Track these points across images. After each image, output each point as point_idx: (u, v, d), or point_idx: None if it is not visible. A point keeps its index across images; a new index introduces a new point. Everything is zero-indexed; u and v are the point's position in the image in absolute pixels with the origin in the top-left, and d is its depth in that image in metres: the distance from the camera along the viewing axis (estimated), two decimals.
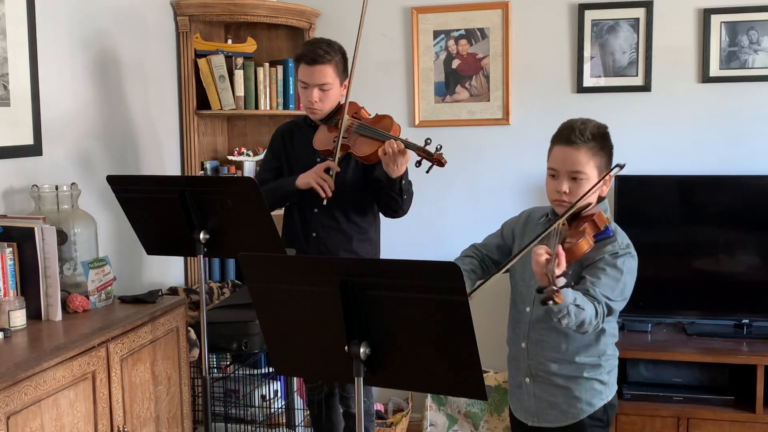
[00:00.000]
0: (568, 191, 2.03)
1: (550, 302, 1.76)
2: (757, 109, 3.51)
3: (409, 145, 2.65)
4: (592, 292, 1.95)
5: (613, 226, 2.09)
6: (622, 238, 2.06)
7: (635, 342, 3.36)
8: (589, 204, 2.04)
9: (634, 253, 2.06)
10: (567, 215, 2.00)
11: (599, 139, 2.04)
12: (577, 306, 1.86)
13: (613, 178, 2.10)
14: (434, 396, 3.69)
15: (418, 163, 2.65)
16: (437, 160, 2.60)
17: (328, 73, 2.81)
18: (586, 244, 1.93)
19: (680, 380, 3.35)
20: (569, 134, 2.04)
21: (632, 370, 3.37)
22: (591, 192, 2.01)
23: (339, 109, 2.87)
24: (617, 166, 2.05)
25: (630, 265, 2.03)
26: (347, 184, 2.86)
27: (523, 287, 2.16)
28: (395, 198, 2.77)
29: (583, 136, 2.02)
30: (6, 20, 2.50)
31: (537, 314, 2.12)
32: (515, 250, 2.21)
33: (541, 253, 1.82)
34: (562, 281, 1.79)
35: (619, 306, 2.01)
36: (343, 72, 2.88)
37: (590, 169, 2.03)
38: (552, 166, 2.07)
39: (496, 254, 2.27)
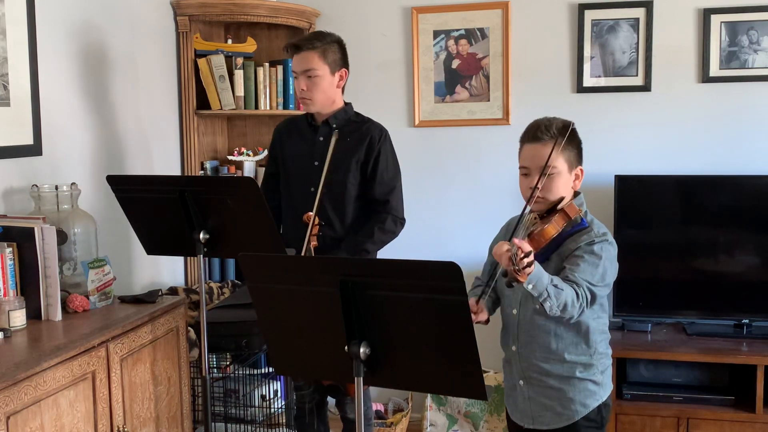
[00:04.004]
0: (541, 187, 2.07)
1: (515, 283, 1.79)
2: (757, 109, 3.51)
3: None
4: (571, 277, 1.98)
5: (590, 218, 2.13)
6: (598, 228, 2.10)
7: (635, 342, 3.35)
8: (562, 198, 2.08)
9: (612, 240, 2.10)
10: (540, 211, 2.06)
11: (565, 133, 2.08)
12: (555, 286, 1.89)
13: (583, 176, 2.16)
14: (434, 396, 3.69)
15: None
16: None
17: (311, 59, 2.76)
18: (552, 228, 1.99)
19: (680, 380, 3.34)
20: (536, 131, 2.10)
21: (632, 370, 3.37)
22: (562, 186, 2.07)
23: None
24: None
25: (608, 250, 2.05)
26: (347, 199, 2.84)
27: (509, 290, 2.17)
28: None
29: (549, 131, 2.08)
30: (6, 20, 2.50)
31: (524, 316, 2.14)
32: None
33: (503, 245, 1.85)
34: (526, 262, 1.79)
35: (601, 291, 2.03)
36: (335, 62, 2.81)
37: (560, 163, 2.08)
38: (523, 165, 2.13)
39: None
